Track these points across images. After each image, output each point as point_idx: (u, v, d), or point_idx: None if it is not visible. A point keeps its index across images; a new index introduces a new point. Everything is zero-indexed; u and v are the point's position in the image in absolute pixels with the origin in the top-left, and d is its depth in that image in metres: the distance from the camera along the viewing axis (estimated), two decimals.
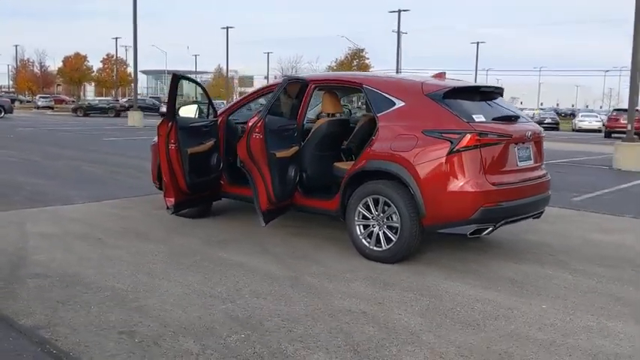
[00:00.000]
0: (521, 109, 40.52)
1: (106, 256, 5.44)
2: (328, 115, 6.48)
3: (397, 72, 42.18)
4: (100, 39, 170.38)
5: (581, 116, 46.19)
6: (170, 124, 6.11)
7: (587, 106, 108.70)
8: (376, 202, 5.54)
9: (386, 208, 5.47)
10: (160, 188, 7.58)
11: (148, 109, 46.91)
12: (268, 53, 79.35)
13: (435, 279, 5.07)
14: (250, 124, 5.50)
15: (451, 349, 3.67)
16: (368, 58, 70.12)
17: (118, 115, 47.16)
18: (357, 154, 6.55)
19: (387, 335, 3.84)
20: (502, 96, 6.15)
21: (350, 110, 9.69)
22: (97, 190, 9.11)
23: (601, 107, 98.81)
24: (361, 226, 5.66)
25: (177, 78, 6.12)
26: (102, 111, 47.51)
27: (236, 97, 76.39)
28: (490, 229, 5.32)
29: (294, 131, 6.06)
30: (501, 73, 73.11)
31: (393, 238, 5.41)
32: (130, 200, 8.41)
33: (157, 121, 39.66)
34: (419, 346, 3.68)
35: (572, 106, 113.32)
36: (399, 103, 5.54)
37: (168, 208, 6.33)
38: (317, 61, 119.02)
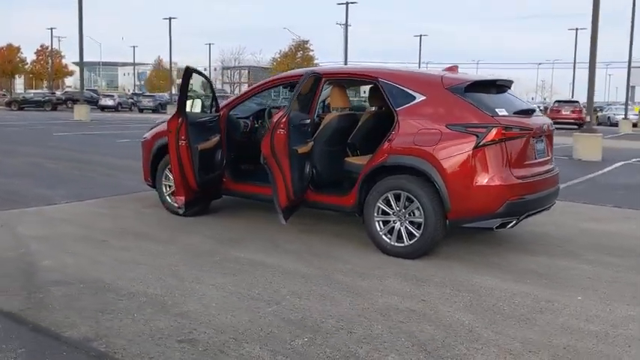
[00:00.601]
0: None
1: (120, 259, 5.17)
2: (337, 109, 6.36)
3: (345, 64, 42.25)
4: (33, 30, 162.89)
5: None
6: (180, 119, 5.86)
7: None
8: (397, 198, 5.48)
9: (408, 203, 5.42)
10: (153, 187, 7.32)
11: (86, 101, 45.30)
12: (210, 44, 78.42)
13: (463, 274, 5.05)
14: (275, 119, 5.32)
15: (516, 345, 3.65)
16: (312, 50, 70.31)
17: (54, 108, 45.47)
18: (361, 148, 6.50)
19: (447, 333, 3.78)
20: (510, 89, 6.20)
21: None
22: (73, 189, 8.69)
23: (533, 99, 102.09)
24: (381, 222, 5.59)
25: (190, 71, 5.86)
26: (37, 104, 45.64)
27: (175, 90, 74.74)
28: (514, 222, 5.35)
29: (309, 126, 5.92)
30: (441, 66, 74.26)
31: (416, 234, 5.37)
32: (113, 199, 8.06)
33: (101, 114, 38.56)
34: (484, 344, 3.65)
35: None
36: (420, 97, 5.48)
37: (179, 207, 6.06)
38: (260, 52, 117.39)
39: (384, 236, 5.56)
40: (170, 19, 52.22)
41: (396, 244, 5.49)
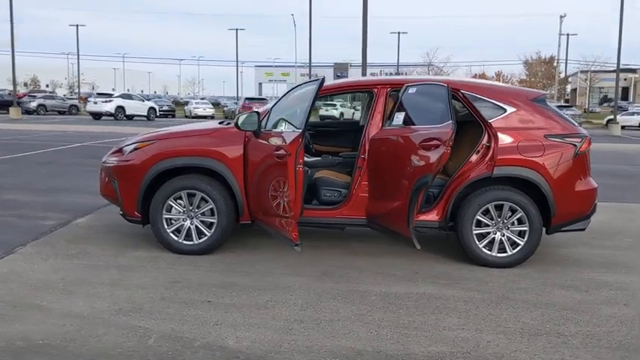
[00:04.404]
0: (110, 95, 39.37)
1: (303, 320, 4.12)
2: None
3: (13, 55, 36.76)
4: None
5: (195, 104, 48.66)
6: (301, 140, 4.78)
7: (167, 93, 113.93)
8: (498, 208, 5.54)
9: (510, 213, 5.53)
10: (143, 223, 5.82)
11: None
12: None
13: (591, 274, 5.40)
14: (447, 137, 4.80)
15: None
16: None
17: None
18: None
19: None
20: None
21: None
22: None
23: (189, 94, 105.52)
24: (478, 235, 5.57)
25: (324, 82, 4.76)
26: None
27: None
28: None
29: None
30: (84, 58, 70.17)
31: (520, 242, 5.53)
32: (47, 242, 6.06)
33: None
34: None
35: (142, 91, 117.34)
36: (510, 109, 5.61)
37: (297, 245, 4.92)
38: None
39: (484, 249, 5.57)
40: None
41: (499, 254, 5.55)
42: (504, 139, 5.55)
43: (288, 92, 5.67)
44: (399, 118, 5.43)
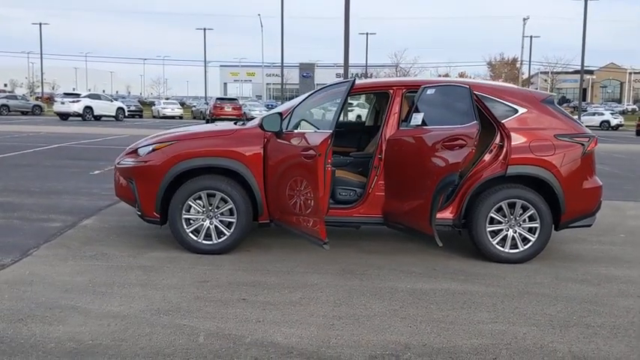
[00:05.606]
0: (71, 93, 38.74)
1: (352, 316, 4.21)
2: None
3: None
4: None
5: (164, 104, 48.13)
6: (331, 140, 4.85)
7: (129, 93, 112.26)
8: (510, 206, 5.72)
9: (522, 210, 5.72)
10: (161, 223, 5.84)
11: None
12: None
13: (597, 268, 5.65)
14: (473, 136, 4.95)
15: None
16: None
17: None
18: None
19: None
20: None
21: None
22: None
23: (152, 94, 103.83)
24: (491, 232, 5.74)
25: (355, 83, 4.83)
26: None
27: None
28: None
29: None
30: (45, 57, 68.52)
31: (532, 238, 5.73)
32: (60, 245, 6.02)
33: None
34: None
35: (104, 91, 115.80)
36: (522, 110, 5.80)
37: (325, 243, 4.98)
38: None
39: (497, 245, 5.74)
40: None
41: (511, 251, 5.74)
42: (517, 138, 5.73)
43: (311, 94, 5.74)
44: (417, 118, 5.55)
